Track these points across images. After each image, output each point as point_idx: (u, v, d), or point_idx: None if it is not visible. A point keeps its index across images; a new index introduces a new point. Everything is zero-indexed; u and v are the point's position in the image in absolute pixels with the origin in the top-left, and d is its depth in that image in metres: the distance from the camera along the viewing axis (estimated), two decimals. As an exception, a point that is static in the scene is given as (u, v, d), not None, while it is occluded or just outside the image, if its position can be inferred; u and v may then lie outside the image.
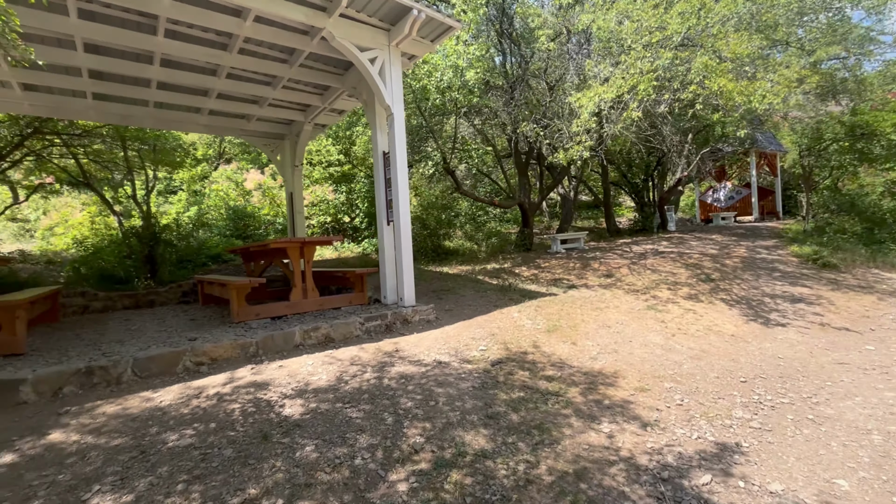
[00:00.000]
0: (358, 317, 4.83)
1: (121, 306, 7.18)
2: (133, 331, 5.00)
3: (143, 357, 3.55)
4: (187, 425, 2.85)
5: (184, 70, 6.02)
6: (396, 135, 5.35)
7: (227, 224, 12.74)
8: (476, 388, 3.49)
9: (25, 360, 3.68)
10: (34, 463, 2.44)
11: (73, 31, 4.78)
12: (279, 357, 4.06)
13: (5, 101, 6.35)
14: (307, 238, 5.44)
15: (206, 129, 8.28)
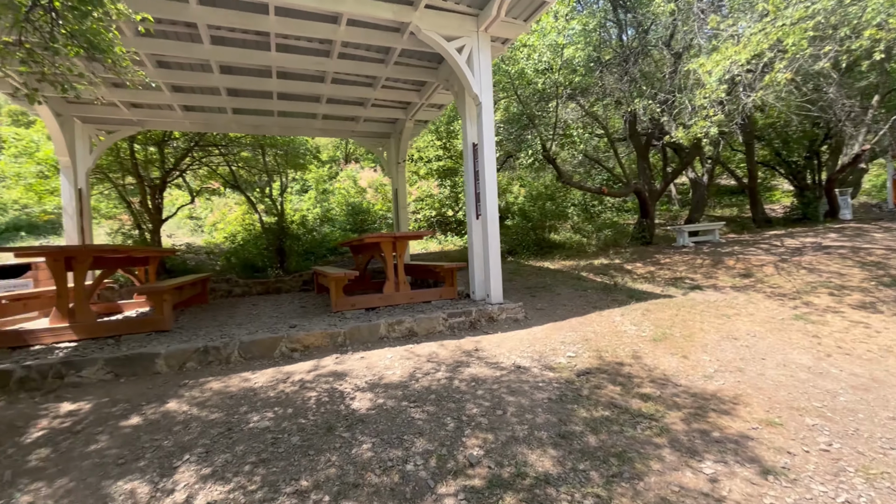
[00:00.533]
0: (442, 312, 4.78)
1: (255, 292, 8.31)
2: (253, 315, 5.70)
3: (248, 341, 3.98)
4: (269, 408, 3.08)
5: (296, 80, 6.62)
6: (484, 125, 5.12)
7: (347, 219, 13.92)
8: (553, 400, 3.14)
9: (169, 336, 4.42)
10: (151, 427, 2.87)
11: (209, 56, 5.56)
12: (363, 348, 4.21)
13: (171, 121, 7.76)
14: (398, 233, 5.56)
15: (322, 132, 9.05)
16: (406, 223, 9.08)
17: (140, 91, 6.58)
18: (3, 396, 3.30)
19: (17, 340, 4.11)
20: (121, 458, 2.54)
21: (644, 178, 10.13)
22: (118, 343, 4.19)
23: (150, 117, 7.55)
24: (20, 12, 2.19)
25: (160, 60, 5.90)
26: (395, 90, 7.19)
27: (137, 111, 7.32)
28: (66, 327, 4.25)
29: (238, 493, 2.22)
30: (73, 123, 6.93)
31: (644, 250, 9.36)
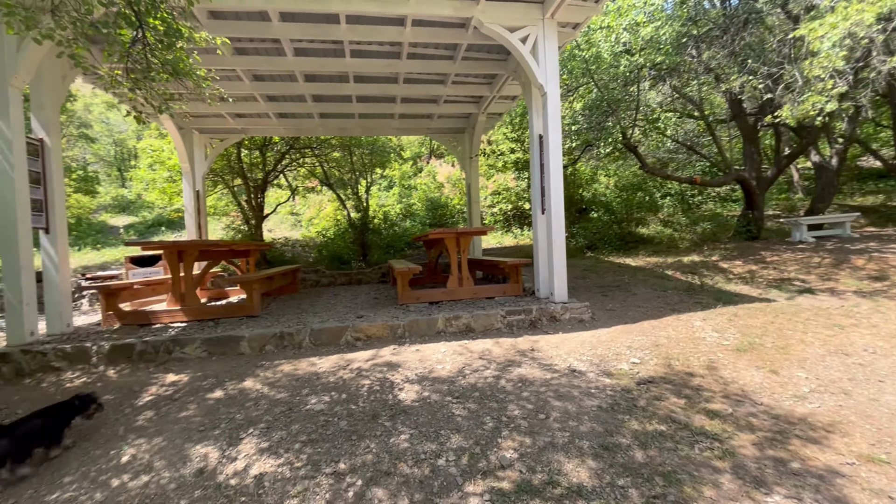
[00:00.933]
0: (500, 309, 4.73)
1: (339, 282, 8.98)
2: (331, 304, 6.18)
3: (318, 328, 4.34)
4: (327, 392, 3.34)
5: (371, 82, 6.96)
6: (550, 116, 4.92)
7: (427, 214, 14.34)
8: (603, 408, 2.96)
9: (256, 321, 4.99)
10: (229, 401, 3.29)
11: (293, 67, 6.09)
12: (420, 341, 4.35)
13: (269, 127, 8.67)
14: (461, 229, 5.60)
15: (399, 131, 9.40)
16: (478, 218, 9.09)
17: (241, 103, 7.46)
18: (128, 365, 4.02)
19: (143, 319, 4.96)
20: (202, 425, 2.96)
21: (751, 165, 8.89)
22: (216, 325, 4.84)
23: (251, 125, 8.51)
24: (125, 47, 2.65)
25: (255, 74, 6.61)
26: (466, 85, 7.20)
27: (241, 120, 8.29)
28: (178, 310, 5.02)
29: (285, 468, 2.46)
30: (192, 134, 8.08)
31: (747, 246, 8.26)
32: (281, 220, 16.55)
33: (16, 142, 4.02)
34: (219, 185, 10.63)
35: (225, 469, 2.49)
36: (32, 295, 4.19)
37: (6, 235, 4.02)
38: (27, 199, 4.14)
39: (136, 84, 2.87)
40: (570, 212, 10.99)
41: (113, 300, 4.97)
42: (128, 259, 7.54)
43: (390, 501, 2.19)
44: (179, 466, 2.55)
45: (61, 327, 4.51)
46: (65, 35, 2.46)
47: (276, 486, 2.34)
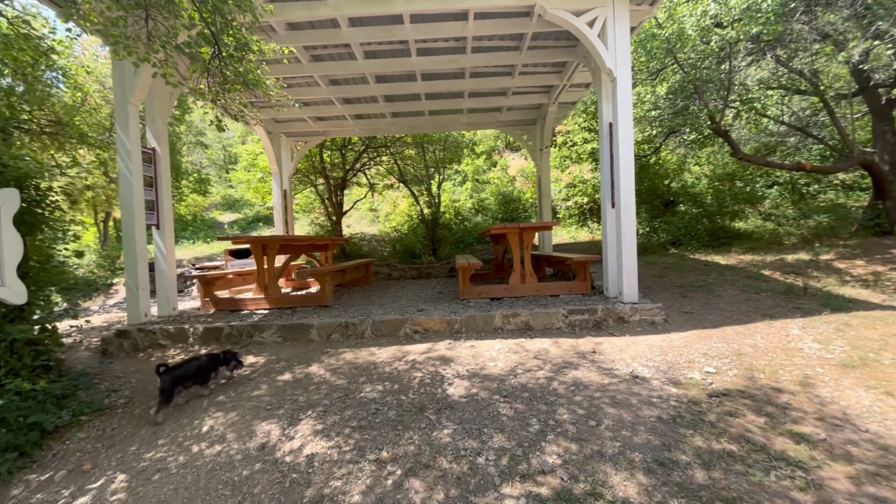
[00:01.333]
0: (562, 308, 4.54)
1: (409, 276, 9.27)
2: (397, 297, 6.40)
3: (379, 320, 4.53)
4: (381, 382, 3.47)
5: (438, 79, 7.04)
6: (620, 102, 4.59)
7: (499, 208, 14.20)
8: (663, 420, 2.71)
9: (327, 311, 5.34)
10: (295, 384, 3.56)
11: (363, 69, 6.37)
12: (476, 337, 4.33)
13: (345, 129, 9.17)
14: (523, 224, 5.45)
15: (469, 126, 9.40)
16: (549, 212, 8.79)
17: (321, 107, 7.99)
18: (217, 346, 4.54)
19: (234, 305, 5.56)
20: (269, 404, 3.25)
21: (882, 146, 7.49)
22: (293, 313, 5.27)
23: (330, 128, 9.08)
24: (205, 63, 2.99)
25: (331, 79, 7.02)
26: (535, 75, 6.97)
27: (321, 123, 8.88)
28: (262, 298, 5.55)
29: (334, 451, 2.61)
30: (279, 138, 8.84)
31: (875, 243, 6.98)
32: (361, 216, 17.48)
33: (133, 151, 4.72)
34: (304, 185, 11.52)
35: (283, 446, 2.71)
36: (146, 282, 4.90)
37: (128, 231, 4.75)
38: (142, 200, 4.84)
39: (216, 95, 3.21)
40: (652, 205, 10.16)
41: (209, 288, 5.64)
42: (227, 252, 8.49)
43: (426, 494, 2.22)
44: (246, 440, 2.83)
45: (168, 310, 5.22)
46: (158, 58, 2.85)
47: (323, 466, 2.49)
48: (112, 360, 4.42)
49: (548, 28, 5.26)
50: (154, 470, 2.67)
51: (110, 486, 2.59)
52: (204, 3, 2.64)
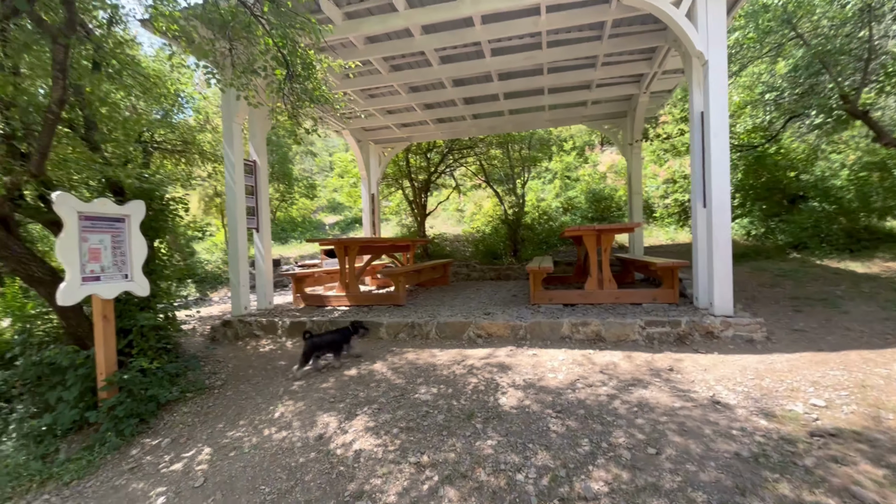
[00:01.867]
0: (638, 319, 4.14)
1: (488, 277, 9.23)
2: (469, 298, 6.41)
3: (444, 322, 4.59)
4: (436, 385, 3.51)
5: (516, 78, 6.89)
6: (712, 89, 4.06)
7: (590, 207, 13.44)
8: (741, 457, 2.33)
9: (400, 310, 5.55)
10: (358, 380, 3.77)
11: (440, 74, 6.49)
12: (540, 345, 4.15)
13: (428, 133, 9.44)
14: (600, 225, 5.09)
15: (552, 122, 9.04)
16: (640, 211, 8.08)
17: (404, 113, 8.32)
18: (298, 339, 4.98)
19: (319, 302, 6.06)
20: (333, 397, 3.48)
21: None
22: (369, 311, 5.58)
23: (414, 133, 9.42)
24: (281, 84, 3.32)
25: (411, 86, 7.28)
26: (620, 65, 6.46)
27: (405, 129, 9.25)
28: (343, 296, 5.97)
29: (379, 449, 2.71)
30: (368, 145, 9.41)
31: None
32: (449, 217, 17.85)
33: (237, 164, 5.39)
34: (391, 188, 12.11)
35: (337, 439, 2.88)
36: (246, 278, 5.57)
37: (231, 234, 5.44)
38: (244, 207, 5.50)
39: (292, 111, 3.53)
40: (771, 201, 8.76)
41: (300, 284, 6.22)
42: (322, 251, 9.28)
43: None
44: (308, 429, 3.06)
45: (265, 304, 5.87)
46: (240, 82, 3.25)
47: (368, 463, 2.60)
48: (217, 346, 5.11)
49: (630, 13, 4.84)
50: (231, 447, 3.03)
51: (198, 457, 3.00)
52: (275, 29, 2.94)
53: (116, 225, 3.71)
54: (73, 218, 3.35)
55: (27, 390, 3.62)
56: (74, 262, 3.35)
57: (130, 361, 3.76)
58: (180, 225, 4.95)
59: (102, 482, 2.98)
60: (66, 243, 3.31)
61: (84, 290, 3.42)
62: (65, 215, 3.30)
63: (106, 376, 3.54)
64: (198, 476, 2.79)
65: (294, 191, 18.32)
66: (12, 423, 3.51)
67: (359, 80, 6.60)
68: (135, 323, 4.02)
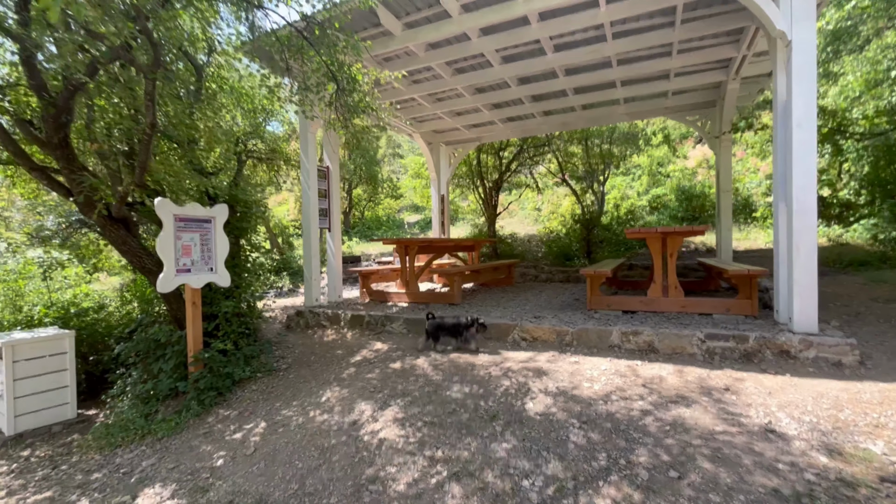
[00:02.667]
0: (698, 331, 3.77)
1: (556, 279, 8.95)
2: (526, 300, 6.32)
3: (491, 323, 4.61)
4: (469, 384, 3.58)
5: (583, 72, 6.61)
6: (795, 72, 3.55)
7: (680, 206, 12.32)
8: (781, 494, 2.06)
9: (454, 308, 5.68)
10: (400, 373, 3.96)
11: (503, 74, 6.47)
12: (585, 352, 3.99)
13: (497, 133, 9.42)
14: (665, 228, 4.70)
15: (628, 116, 8.46)
16: (729, 210, 7.23)
17: (472, 114, 8.43)
18: (359, 330, 5.36)
19: (383, 297, 6.44)
20: (373, 388, 3.72)
21: None
22: (425, 308, 5.80)
23: (483, 133, 9.48)
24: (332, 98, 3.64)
25: (476, 87, 7.35)
26: (700, 51, 5.86)
27: (474, 130, 9.34)
28: (403, 293, 6.27)
29: (401, 440, 2.87)
30: (438, 147, 9.69)
31: None
32: (526, 216, 17.57)
33: (311, 171, 5.95)
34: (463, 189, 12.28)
35: (367, 427, 3.10)
36: (318, 273, 6.13)
37: (305, 233, 6.03)
38: (317, 209, 6.06)
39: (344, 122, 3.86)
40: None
41: (366, 281, 6.66)
42: (394, 249, 9.77)
43: (460, 501, 2.26)
44: (346, 414, 3.33)
45: (334, 297, 6.40)
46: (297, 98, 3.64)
47: (388, 451, 2.77)
48: (290, 333, 5.71)
49: (704, -7, 4.39)
50: (281, 424, 3.41)
51: (255, 430, 3.43)
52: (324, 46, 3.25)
53: (204, 225, 4.35)
54: (170, 219, 4.02)
55: (140, 360, 4.43)
56: (170, 256, 4.01)
57: (212, 343, 4.39)
58: (278, 226, 5.64)
59: (183, 441, 3.55)
60: (164, 240, 3.98)
61: (177, 279, 4.08)
62: (163, 217, 3.98)
63: (193, 353, 4.19)
64: (250, 446, 3.20)
65: (380, 191, 19.47)
66: (128, 386, 4.32)
67: (424, 85, 6.85)
68: (220, 309, 4.67)
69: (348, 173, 16.08)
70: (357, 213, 19.48)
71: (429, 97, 7.52)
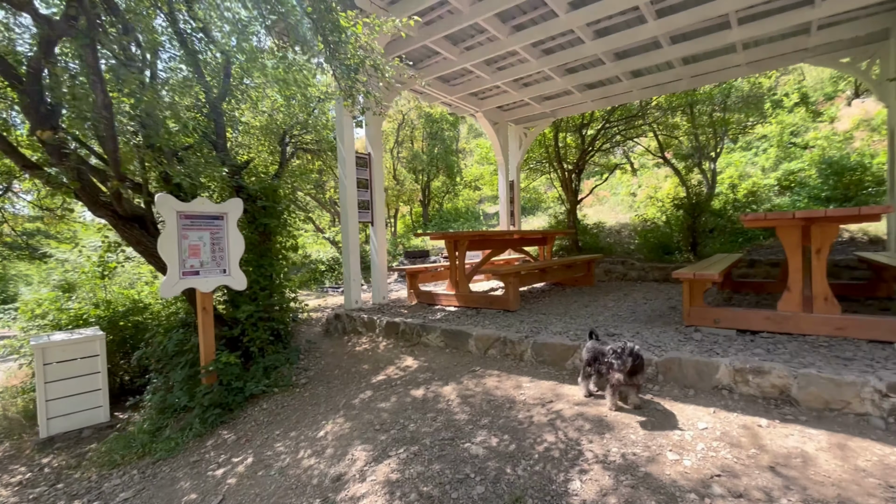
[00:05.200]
0: (872, 374, 2.33)
1: (650, 278, 7.37)
2: (607, 306, 5.05)
3: (542, 342, 3.55)
4: (499, 434, 2.61)
5: (681, 11, 5.04)
6: None
7: (824, 183, 9.63)
8: None
9: (508, 316, 4.68)
10: (419, 405, 3.13)
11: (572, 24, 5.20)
12: (674, 395, 2.76)
13: (575, 105, 8.03)
14: (807, 212, 3.16)
15: (750, 68, 6.50)
16: None
17: (542, 84, 7.19)
18: (393, 339, 4.63)
19: (430, 299, 5.65)
20: (380, 424, 2.94)
21: None
22: (476, 314, 4.88)
23: (558, 106, 8.14)
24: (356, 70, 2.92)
25: (542, 49, 6.13)
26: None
27: (547, 103, 8.05)
28: (453, 295, 5.41)
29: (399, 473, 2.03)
30: (506, 127, 8.58)
31: None
32: (618, 203, 15.50)
33: (348, 159, 5.35)
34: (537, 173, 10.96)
35: (350, 488, 2.32)
36: (357, 273, 5.53)
37: (343, 228, 5.46)
38: (355, 201, 5.45)
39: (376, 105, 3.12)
40: None
41: (414, 280, 5.93)
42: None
43: None
44: (334, 463, 2.60)
45: (379, 298, 5.77)
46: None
47: (356, 540, 1.95)
48: (327, 338, 5.19)
49: None
50: (265, 464, 2.80)
51: (238, 466, 2.86)
52: None
53: (215, 222, 3.93)
54: (173, 217, 3.63)
55: (160, 367, 4.19)
56: (174, 258, 3.63)
57: (239, 348, 3.97)
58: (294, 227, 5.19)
59: (172, 469, 3.12)
60: (166, 240, 3.60)
61: (183, 283, 3.70)
62: (165, 214, 3.60)
63: (204, 364, 3.81)
64: (220, 491, 2.62)
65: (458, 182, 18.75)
66: (148, 394, 4.10)
67: (477, 51, 5.84)
68: (241, 314, 4.26)
69: (422, 164, 15.58)
70: (436, 205, 19.02)
71: (485, 66, 6.47)
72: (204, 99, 4.52)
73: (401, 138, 16.23)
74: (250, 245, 4.63)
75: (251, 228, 4.72)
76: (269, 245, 4.83)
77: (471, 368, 3.63)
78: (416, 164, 15.88)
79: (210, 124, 4.68)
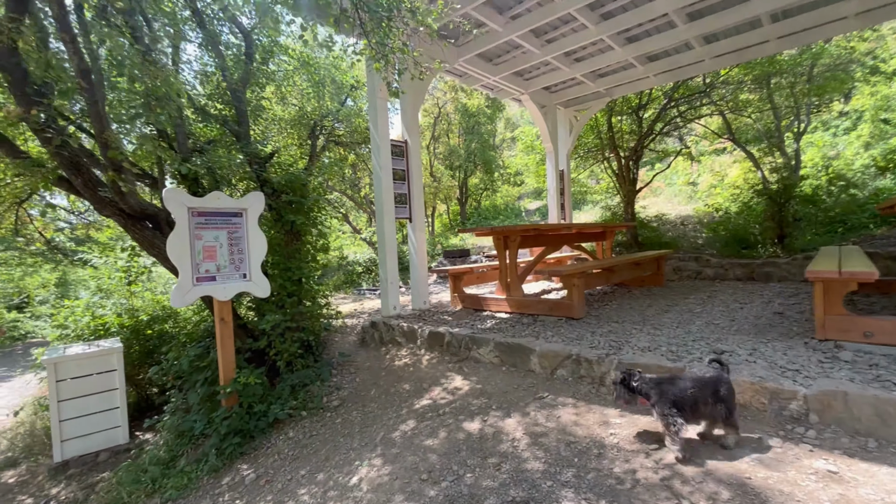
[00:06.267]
0: None
1: (731, 276, 6.35)
2: (693, 312, 4.18)
3: (629, 363, 2.78)
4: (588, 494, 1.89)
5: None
6: None
7: (938, 160, 8.15)
8: None
9: (575, 325, 3.92)
10: (475, 444, 2.45)
11: None
12: (843, 447, 1.94)
13: (635, 81, 7.09)
14: None
15: (864, 21, 5.35)
16: None
17: (596, 57, 6.33)
18: (437, 353, 3.97)
19: (477, 304, 4.97)
20: (429, 470, 2.29)
21: None
22: (534, 322, 4.16)
23: (614, 84, 7.21)
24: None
25: (602, 12, 5.29)
26: None
27: (603, 81, 7.15)
28: (503, 299, 4.70)
29: None
30: (555, 110, 7.75)
31: None
32: (675, 193, 14.18)
33: (383, 147, 4.76)
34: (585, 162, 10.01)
35: (390, 575, 1.68)
36: (395, 275, 4.93)
37: (379, 225, 4.87)
38: (391, 194, 4.85)
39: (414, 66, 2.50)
40: None
41: (458, 283, 5.26)
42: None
43: None
44: (369, 529, 1.96)
45: (420, 303, 5.15)
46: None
47: None
48: (363, 349, 4.62)
49: None
50: (283, 522, 2.21)
51: (253, 521, 2.30)
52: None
53: (233, 220, 3.42)
54: (184, 214, 3.14)
55: (178, 385, 3.74)
56: (186, 262, 3.14)
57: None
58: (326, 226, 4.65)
59: (180, 515, 2.62)
60: (176, 241, 3.11)
61: (197, 291, 3.20)
62: (175, 211, 3.11)
63: (223, 383, 3.30)
64: (227, 561, 2.05)
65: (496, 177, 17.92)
66: (166, 415, 3.65)
67: (524, 20, 5.09)
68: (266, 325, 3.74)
69: (459, 159, 14.91)
70: (474, 202, 18.30)
71: (533, 38, 5.68)
72: (222, 81, 4.06)
73: (437, 133, 15.64)
74: (276, 246, 4.13)
75: (277, 227, 4.22)
76: (297, 245, 4.31)
77: (537, 394, 2.91)
78: (453, 160, 15.23)
79: (230, 111, 4.22)
